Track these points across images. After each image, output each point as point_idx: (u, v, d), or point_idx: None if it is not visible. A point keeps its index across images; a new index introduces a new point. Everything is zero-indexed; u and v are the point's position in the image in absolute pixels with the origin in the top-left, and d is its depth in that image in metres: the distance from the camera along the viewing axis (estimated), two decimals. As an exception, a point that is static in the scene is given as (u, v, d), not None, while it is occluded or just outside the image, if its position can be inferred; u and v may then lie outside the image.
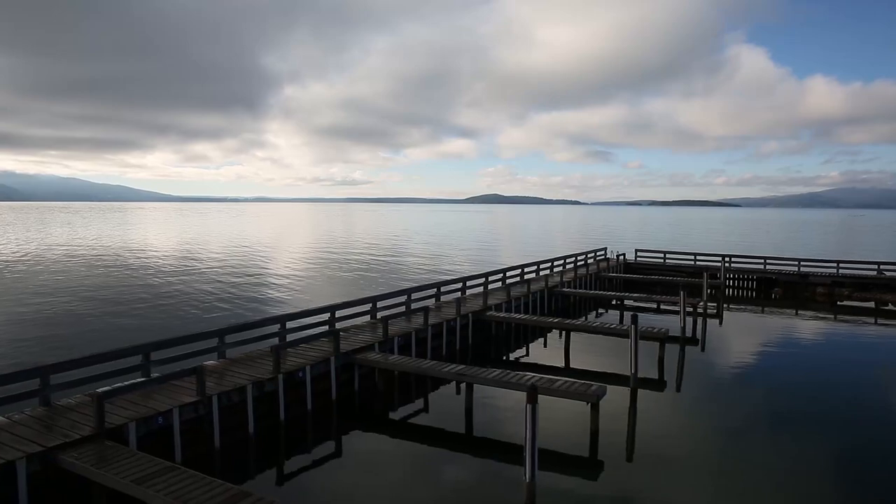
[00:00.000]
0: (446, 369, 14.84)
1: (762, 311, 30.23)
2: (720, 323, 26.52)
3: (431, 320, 19.48)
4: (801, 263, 36.68)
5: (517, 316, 22.47)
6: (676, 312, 25.21)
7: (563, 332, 21.44)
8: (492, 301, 23.64)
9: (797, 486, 11.20)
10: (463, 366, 15.10)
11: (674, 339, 21.44)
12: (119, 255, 55.53)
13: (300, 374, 14.32)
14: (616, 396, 15.36)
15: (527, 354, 20.94)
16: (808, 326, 26.56)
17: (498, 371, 14.58)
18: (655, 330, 19.45)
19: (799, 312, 29.50)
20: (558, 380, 13.97)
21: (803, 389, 17.16)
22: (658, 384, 17.28)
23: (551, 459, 11.90)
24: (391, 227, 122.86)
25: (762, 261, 38.27)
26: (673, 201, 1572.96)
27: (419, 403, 15.78)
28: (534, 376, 14.43)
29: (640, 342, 16.24)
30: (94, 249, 62.18)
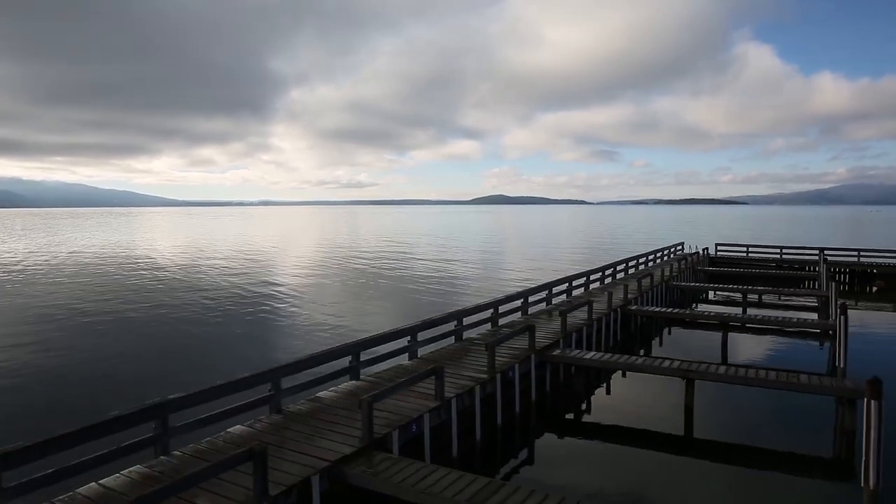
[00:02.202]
0: (665, 365, 13.48)
1: (856, 305, 28.66)
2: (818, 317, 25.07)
3: (584, 314, 18.10)
4: (900, 254, 35.24)
5: (665, 310, 21.15)
6: (778, 306, 26.09)
7: (721, 327, 20.03)
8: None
9: None
10: (680, 360, 13.75)
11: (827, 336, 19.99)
12: (195, 261, 54.30)
13: (510, 374, 12.98)
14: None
15: (660, 346, 19.67)
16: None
17: (726, 367, 13.26)
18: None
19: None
20: (809, 376, 12.63)
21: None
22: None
23: (814, 463, 10.83)
24: (414, 230, 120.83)
25: (856, 253, 36.73)
26: (679, 200, 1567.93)
27: (617, 402, 14.48)
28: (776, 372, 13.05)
29: (781, 337, 14.88)
30: (160, 256, 61.02)
